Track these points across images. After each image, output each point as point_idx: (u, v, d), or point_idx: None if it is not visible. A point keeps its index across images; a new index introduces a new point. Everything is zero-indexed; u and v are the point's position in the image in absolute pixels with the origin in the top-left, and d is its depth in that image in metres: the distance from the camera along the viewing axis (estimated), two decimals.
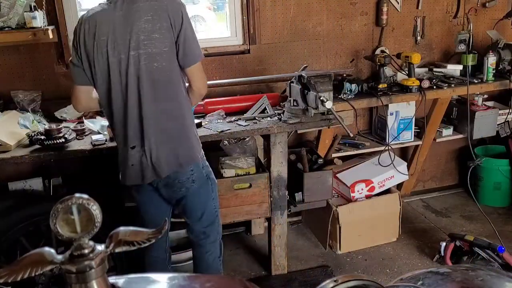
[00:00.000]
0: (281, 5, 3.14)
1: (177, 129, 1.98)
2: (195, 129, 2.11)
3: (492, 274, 1.10)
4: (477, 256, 2.73)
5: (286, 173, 2.70)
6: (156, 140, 1.94)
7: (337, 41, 3.30)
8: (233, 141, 2.68)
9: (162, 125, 1.94)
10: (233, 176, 2.62)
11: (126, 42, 1.85)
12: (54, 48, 2.84)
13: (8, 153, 2.23)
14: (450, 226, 3.41)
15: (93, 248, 0.76)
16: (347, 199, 3.11)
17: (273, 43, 3.19)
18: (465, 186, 3.85)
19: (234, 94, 2.98)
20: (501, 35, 3.40)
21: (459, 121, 3.46)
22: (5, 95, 2.76)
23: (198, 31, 5.43)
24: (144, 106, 1.91)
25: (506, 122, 3.52)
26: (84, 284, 0.74)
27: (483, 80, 3.23)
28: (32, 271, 0.73)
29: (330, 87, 2.41)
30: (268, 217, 2.78)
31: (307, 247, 3.24)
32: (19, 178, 2.79)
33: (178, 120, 1.98)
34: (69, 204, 0.74)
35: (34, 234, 2.36)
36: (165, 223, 0.84)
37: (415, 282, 1.07)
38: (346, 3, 3.27)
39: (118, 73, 1.88)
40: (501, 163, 3.56)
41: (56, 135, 2.24)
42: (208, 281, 0.99)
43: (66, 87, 2.91)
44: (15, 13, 2.50)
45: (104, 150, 2.32)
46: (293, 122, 2.53)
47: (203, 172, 2.09)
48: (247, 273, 2.98)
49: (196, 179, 2.06)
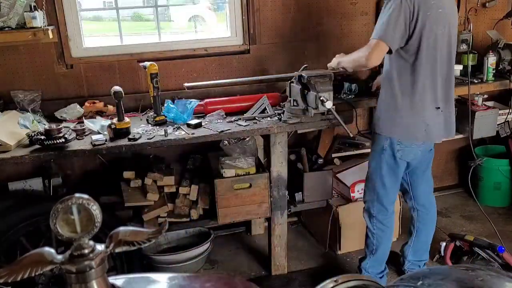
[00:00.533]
0: (281, 5, 3.14)
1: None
2: None
3: (492, 274, 1.10)
4: (477, 256, 2.73)
5: (286, 173, 2.70)
6: (451, 104, 2.37)
7: (337, 41, 3.30)
8: (233, 141, 2.68)
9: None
10: (233, 176, 2.62)
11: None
12: (54, 48, 2.83)
13: (8, 153, 2.23)
14: (450, 226, 3.41)
15: (93, 248, 0.76)
16: (347, 199, 3.10)
17: (273, 43, 3.19)
18: (465, 186, 3.85)
19: (234, 94, 2.98)
20: (501, 35, 3.40)
21: (459, 121, 3.44)
22: (5, 95, 2.76)
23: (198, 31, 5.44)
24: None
25: (506, 122, 3.52)
26: (84, 284, 0.74)
27: (483, 80, 3.23)
28: (32, 271, 0.73)
29: (330, 87, 2.41)
30: (268, 217, 2.78)
31: (307, 247, 3.24)
32: (19, 178, 2.79)
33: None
34: (69, 204, 0.74)
35: (34, 234, 2.36)
36: (165, 223, 0.84)
37: (415, 282, 1.07)
38: (346, 3, 3.27)
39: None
40: (501, 163, 3.56)
41: (56, 135, 2.24)
42: (208, 281, 0.99)
43: (66, 87, 2.92)
44: (15, 13, 2.50)
45: (104, 150, 2.32)
46: (293, 122, 2.53)
47: None
48: (247, 273, 2.98)
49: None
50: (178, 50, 3.07)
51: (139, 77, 3.01)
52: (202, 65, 3.11)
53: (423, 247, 2.71)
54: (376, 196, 2.50)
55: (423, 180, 2.59)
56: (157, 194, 2.64)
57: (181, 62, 3.07)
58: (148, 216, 2.61)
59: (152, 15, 3.47)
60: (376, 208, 2.52)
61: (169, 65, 3.03)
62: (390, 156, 2.38)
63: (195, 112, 2.69)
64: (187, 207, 2.71)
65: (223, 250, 3.21)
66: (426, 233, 2.68)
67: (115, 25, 3.14)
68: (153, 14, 3.25)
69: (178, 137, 2.40)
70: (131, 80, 3.00)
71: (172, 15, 6.01)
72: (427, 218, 2.66)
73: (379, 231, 2.54)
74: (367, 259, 2.64)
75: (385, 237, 2.57)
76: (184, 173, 2.86)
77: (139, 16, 7.68)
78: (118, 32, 3.09)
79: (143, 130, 2.50)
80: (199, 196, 2.73)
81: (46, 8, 2.69)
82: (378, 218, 2.53)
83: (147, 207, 2.63)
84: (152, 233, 0.80)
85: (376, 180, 2.48)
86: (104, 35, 4.32)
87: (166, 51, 3.05)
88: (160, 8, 3.42)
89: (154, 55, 3.00)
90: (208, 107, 2.75)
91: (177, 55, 3.07)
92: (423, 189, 2.62)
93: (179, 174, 2.85)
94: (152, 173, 2.66)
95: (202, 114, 2.74)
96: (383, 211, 2.52)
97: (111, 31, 4.17)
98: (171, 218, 2.69)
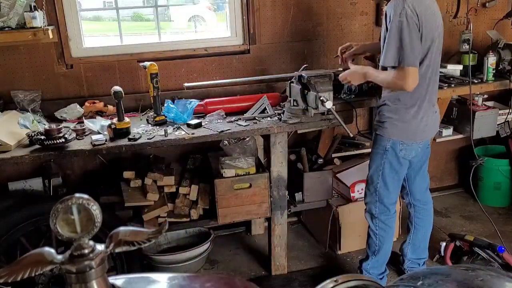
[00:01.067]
0: (281, 5, 3.14)
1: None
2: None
3: (492, 274, 1.10)
4: (477, 256, 2.73)
5: (286, 173, 2.70)
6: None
7: (337, 41, 3.30)
8: (233, 141, 2.68)
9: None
10: (233, 176, 2.62)
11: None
12: (54, 48, 2.84)
13: (8, 153, 2.23)
14: (450, 226, 3.41)
15: (93, 248, 0.76)
16: (347, 199, 3.10)
17: (273, 43, 3.20)
18: (464, 186, 3.85)
19: (234, 94, 2.98)
20: (501, 35, 3.40)
21: (459, 121, 3.46)
22: (5, 95, 2.76)
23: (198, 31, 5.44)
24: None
25: (506, 122, 3.52)
26: (84, 284, 0.74)
27: (483, 80, 3.23)
28: (32, 271, 0.73)
29: (330, 87, 2.41)
30: (268, 217, 2.78)
31: (307, 247, 3.24)
32: (19, 178, 2.79)
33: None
34: (69, 204, 0.74)
35: (34, 234, 2.36)
36: (165, 223, 0.84)
37: (415, 282, 1.07)
38: (346, 3, 3.27)
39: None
40: (501, 163, 3.56)
41: (56, 135, 2.24)
42: (208, 281, 0.99)
43: (66, 87, 2.92)
44: (15, 13, 2.50)
45: (104, 150, 2.32)
46: (293, 122, 2.53)
47: None
48: (247, 273, 2.98)
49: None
50: (178, 50, 3.07)
51: (139, 77, 3.01)
52: (202, 65, 3.11)
53: (421, 244, 2.72)
54: (378, 197, 2.50)
55: (418, 175, 2.61)
56: (157, 194, 2.64)
57: (181, 62, 3.07)
58: (148, 216, 2.61)
59: (152, 15, 3.47)
60: (378, 209, 2.52)
61: (169, 65, 3.03)
62: (393, 156, 2.39)
63: (195, 112, 2.69)
64: (187, 207, 2.71)
65: (223, 250, 3.21)
66: (424, 229, 2.69)
67: (115, 25, 3.14)
68: (153, 14, 3.25)
69: (178, 137, 2.40)
70: (131, 80, 3.00)
71: (172, 15, 6.02)
72: (424, 214, 2.68)
73: (381, 231, 2.55)
74: (369, 260, 2.64)
75: (388, 237, 2.57)
76: (184, 173, 2.86)
77: (139, 16, 7.69)
78: (118, 32, 3.09)
79: (143, 130, 2.50)
80: (199, 196, 2.73)
81: (46, 8, 2.69)
82: (380, 218, 2.53)
83: (147, 207, 2.63)
84: (152, 233, 0.80)
85: (377, 181, 2.48)
86: (104, 35, 4.33)
87: (166, 51, 3.05)
88: (160, 8, 3.42)
89: (154, 55, 3.00)
90: (208, 107, 2.75)
91: (177, 55, 3.07)
92: (420, 184, 2.64)
93: (179, 174, 2.85)
94: (152, 173, 2.66)
95: (202, 114, 2.74)
96: (385, 211, 2.52)
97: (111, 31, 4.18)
98: (171, 218, 2.69)
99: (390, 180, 2.46)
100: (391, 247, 2.65)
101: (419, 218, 2.67)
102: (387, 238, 2.57)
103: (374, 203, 2.53)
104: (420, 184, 2.64)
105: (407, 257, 2.74)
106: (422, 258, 2.74)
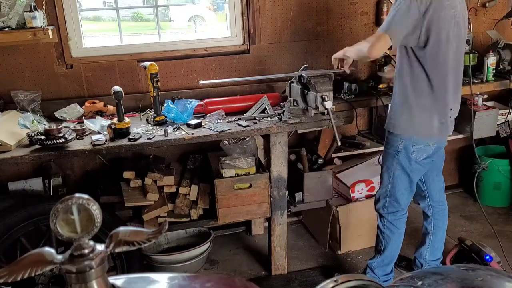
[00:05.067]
0: (281, 5, 3.14)
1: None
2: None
3: (492, 274, 1.10)
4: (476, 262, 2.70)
5: (286, 173, 2.70)
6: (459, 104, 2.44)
7: (337, 41, 3.30)
8: (233, 141, 2.68)
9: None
10: (233, 176, 2.62)
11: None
12: (54, 48, 2.84)
13: (8, 153, 2.23)
14: (450, 226, 3.38)
15: (93, 248, 0.76)
16: (347, 199, 3.10)
17: (273, 43, 3.20)
18: (464, 186, 3.85)
19: (234, 94, 2.98)
20: (501, 35, 3.40)
21: (459, 121, 3.44)
22: (5, 95, 2.76)
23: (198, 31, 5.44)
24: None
25: (506, 122, 3.52)
26: (84, 284, 0.74)
27: (483, 80, 3.23)
28: (32, 271, 0.73)
29: (330, 87, 2.41)
30: (268, 217, 2.78)
31: (307, 247, 3.24)
32: (19, 178, 2.79)
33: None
34: (69, 204, 0.74)
35: (34, 234, 2.36)
36: (165, 223, 0.84)
37: (415, 282, 1.07)
38: (346, 3, 3.27)
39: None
40: (501, 163, 3.56)
41: (56, 135, 2.24)
42: (208, 281, 0.99)
43: (66, 87, 2.93)
44: (15, 13, 2.50)
45: (104, 150, 2.32)
46: (293, 122, 2.53)
47: None
48: (247, 273, 2.98)
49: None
50: (178, 50, 3.07)
51: (139, 77, 3.01)
52: (202, 65, 3.11)
53: (439, 245, 2.74)
54: (388, 196, 2.50)
55: (436, 179, 2.64)
56: (157, 194, 2.64)
57: (181, 62, 3.07)
58: (148, 216, 2.61)
59: (152, 15, 3.47)
60: (387, 208, 2.52)
61: (169, 65, 3.03)
62: (405, 157, 2.38)
63: (195, 112, 2.69)
64: (187, 207, 2.71)
65: (223, 250, 3.21)
66: (442, 230, 2.73)
67: (115, 25, 3.15)
68: (153, 14, 3.25)
69: (178, 137, 2.40)
70: (131, 80, 3.00)
71: (172, 15, 6.02)
72: (443, 214, 2.71)
73: (388, 230, 2.55)
74: (375, 258, 2.65)
75: (394, 238, 2.56)
76: (184, 173, 2.86)
77: (139, 16, 7.69)
78: (118, 32, 3.09)
79: (143, 130, 2.50)
80: (199, 196, 2.73)
81: (46, 8, 2.69)
82: (388, 218, 2.53)
83: (147, 207, 2.63)
84: (152, 233, 0.80)
85: (388, 182, 2.48)
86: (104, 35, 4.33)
87: (166, 51, 3.05)
88: (160, 8, 3.43)
89: (154, 55, 3.00)
90: (208, 107, 2.75)
91: (177, 55, 3.07)
92: (438, 187, 2.67)
93: (179, 174, 2.85)
94: (152, 173, 2.66)
95: (202, 114, 2.74)
96: (394, 212, 2.52)
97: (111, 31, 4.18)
98: (171, 218, 2.69)
99: (401, 181, 2.44)
100: (399, 249, 2.63)
101: (437, 219, 2.69)
102: (394, 239, 2.56)
103: (384, 202, 2.53)
104: (438, 186, 2.66)
105: (425, 260, 2.73)
106: (439, 259, 2.75)
